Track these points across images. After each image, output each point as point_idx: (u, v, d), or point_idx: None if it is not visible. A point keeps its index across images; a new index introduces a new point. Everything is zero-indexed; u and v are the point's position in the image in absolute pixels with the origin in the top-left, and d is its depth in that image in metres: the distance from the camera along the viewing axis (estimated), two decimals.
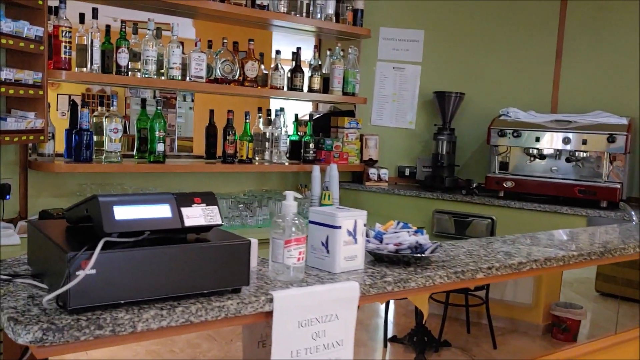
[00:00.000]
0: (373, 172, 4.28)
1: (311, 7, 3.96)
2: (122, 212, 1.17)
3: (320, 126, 4.31)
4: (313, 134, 4.11)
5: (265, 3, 3.69)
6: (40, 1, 2.76)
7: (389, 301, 3.76)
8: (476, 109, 4.35)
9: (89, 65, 3.14)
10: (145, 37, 3.30)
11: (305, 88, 4.00)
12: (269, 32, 4.34)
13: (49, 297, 1.10)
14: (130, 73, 3.26)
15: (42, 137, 2.90)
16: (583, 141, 3.60)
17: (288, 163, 3.95)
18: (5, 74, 2.54)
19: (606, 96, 4.02)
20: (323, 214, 1.54)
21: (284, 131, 3.91)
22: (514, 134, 3.78)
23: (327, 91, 4.13)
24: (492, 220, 3.79)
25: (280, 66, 3.86)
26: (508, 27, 4.32)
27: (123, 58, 3.21)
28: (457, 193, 4.01)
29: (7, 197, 2.98)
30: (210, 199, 1.29)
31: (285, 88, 3.91)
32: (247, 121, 3.75)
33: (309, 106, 4.77)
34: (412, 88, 4.47)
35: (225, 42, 3.62)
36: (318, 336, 1.36)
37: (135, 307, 1.16)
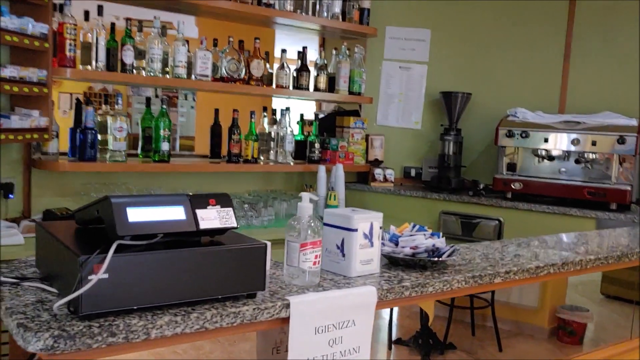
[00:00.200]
0: (379, 173, 4.24)
1: (317, 6, 3.92)
2: (136, 214, 1.12)
3: (324, 126, 4.26)
4: (318, 134, 4.07)
5: (271, 1, 3.64)
6: None
7: None
8: (483, 109, 4.31)
9: (94, 63, 3.10)
10: (150, 35, 3.25)
11: (311, 87, 3.96)
12: (272, 31, 4.29)
13: (60, 303, 1.06)
14: (135, 71, 3.22)
15: (47, 136, 2.86)
16: (592, 142, 3.56)
17: (293, 163, 3.91)
18: (9, 72, 2.50)
19: (615, 97, 3.97)
20: (338, 216, 1.50)
21: (290, 131, 3.86)
22: (522, 135, 3.74)
23: (333, 90, 4.09)
24: (500, 221, 3.75)
25: (286, 65, 3.82)
26: (516, 27, 4.27)
27: (128, 56, 3.16)
28: (464, 194, 3.97)
29: (11, 196, 2.94)
30: (225, 201, 1.25)
31: (290, 87, 3.87)
32: (253, 120, 3.70)
33: (312, 106, 4.73)
34: (419, 88, 4.43)
35: (231, 41, 3.58)
36: (335, 343, 1.32)
37: (148, 313, 1.12)
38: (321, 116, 4.49)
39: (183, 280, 1.16)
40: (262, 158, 3.86)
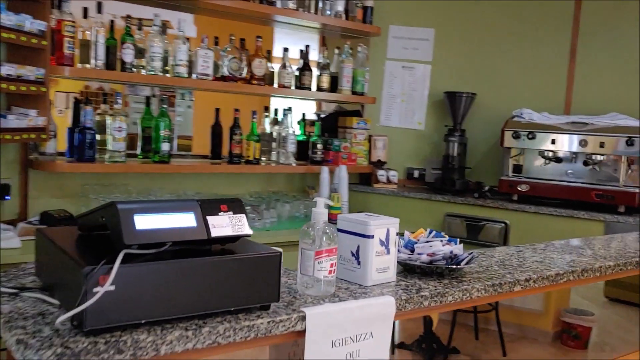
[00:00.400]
0: (382, 174, 4.17)
1: (320, 4, 3.85)
2: (144, 222, 1.05)
3: (325, 126, 4.18)
4: (320, 135, 4.00)
5: None
6: None
7: None
8: (487, 110, 4.24)
9: (93, 61, 3.03)
10: (151, 33, 3.18)
11: (313, 87, 3.89)
12: (270, 30, 4.19)
13: (64, 318, 0.98)
14: (134, 70, 3.14)
15: (44, 136, 2.78)
16: (600, 144, 3.50)
17: (295, 164, 3.83)
18: (6, 70, 2.42)
19: (621, 97, 3.91)
20: (353, 222, 1.43)
21: (292, 131, 3.79)
22: (529, 136, 3.68)
23: (335, 90, 4.01)
24: (506, 224, 3.69)
25: (288, 64, 3.75)
26: (521, 26, 4.21)
27: (128, 54, 3.09)
28: (469, 196, 3.90)
29: (7, 198, 2.86)
30: (237, 207, 1.17)
31: (292, 87, 3.80)
32: (254, 120, 3.63)
33: (312, 105, 4.64)
34: (422, 88, 4.36)
35: (232, 39, 3.50)
36: (352, 356, 1.25)
37: (157, 328, 1.05)
38: (322, 116, 4.42)
39: (194, 291, 1.08)
40: (264, 159, 3.79)
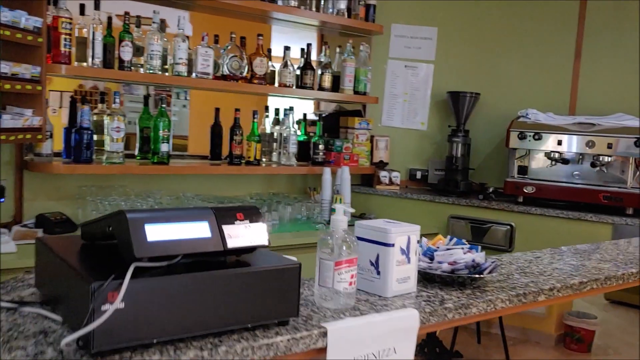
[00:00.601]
0: (384, 175, 4.09)
1: (322, 2, 3.76)
2: (155, 232, 0.97)
3: (325, 126, 4.10)
4: (322, 135, 3.92)
5: None
6: None
7: None
8: (491, 110, 4.18)
9: (90, 59, 2.94)
10: (149, 31, 3.09)
11: (314, 86, 3.81)
12: (268, 28, 4.09)
13: (69, 340, 0.90)
14: (133, 69, 3.06)
15: (40, 136, 2.69)
16: (608, 145, 3.43)
17: (296, 165, 3.75)
18: (1, 68, 2.33)
19: (627, 98, 3.86)
20: (372, 230, 1.35)
21: (293, 131, 3.71)
22: (535, 137, 3.61)
23: (337, 90, 3.93)
24: (511, 227, 3.62)
25: (289, 63, 3.66)
26: (525, 25, 4.14)
27: (127, 52, 3.00)
28: (473, 198, 3.83)
29: (2, 200, 2.76)
30: (254, 215, 1.09)
31: (294, 86, 3.72)
32: (255, 120, 3.55)
33: (310, 105, 4.54)
34: (424, 87, 4.29)
35: (233, 37, 3.42)
36: None
37: (170, 348, 0.96)
38: (322, 116, 4.34)
39: (209, 307, 1.00)
40: (264, 160, 3.71)
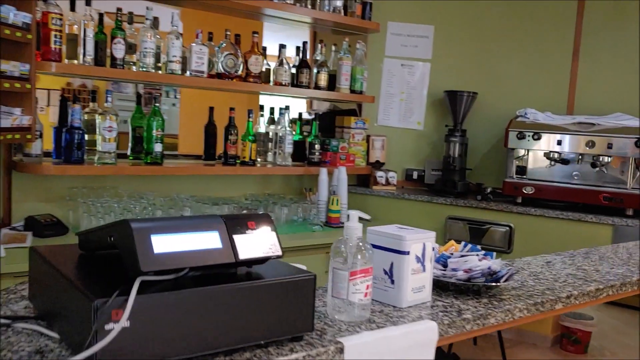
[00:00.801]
0: (381, 175, 4.03)
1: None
2: (162, 243, 0.90)
3: (320, 126, 4.02)
4: (318, 135, 3.84)
5: None
6: None
7: None
8: (488, 110, 4.13)
9: (82, 57, 2.85)
10: (142, 27, 3.00)
11: (310, 85, 3.74)
12: (260, 25, 4.00)
13: None
14: (125, 67, 2.97)
15: (30, 136, 2.60)
16: (608, 145, 3.39)
17: (291, 165, 3.68)
18: None
19: (625, 97, 3.82)
20: (386, 236, 1.28)
21: (289, 131, 3.64)
22: (534, 137, 3.56)
23: (333, 89, 3.86)
24: (510, 228, 3.57)
25: (285, 61, 3.59)
26: (523, 24, 4.09)
27: (119, 50, 2.91)
28: (471, 198, 3.78)
29: None
30: (266, 223, 1.02)
31: (289, 85, 3.64)
32: (250, 120, 3.47)
33: (303, 104, 4.46)
34: (421, 87, 4.23)
35: (227, 35, 3.34)
36: None
37: None
38: (317, 115, 4.27)
39: (220, 324, 0.93)
40: (259, 160, 3.63)
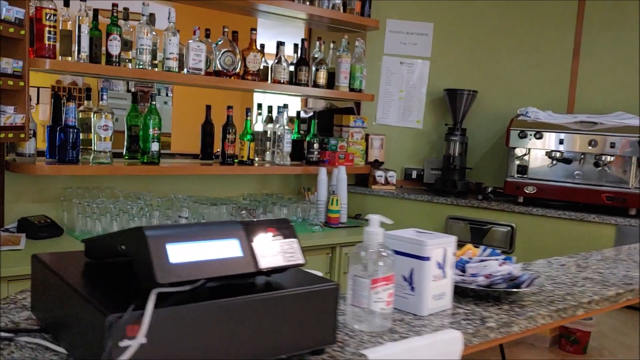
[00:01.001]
0: (380, 175, 3.98)
1: None
2: (179, 253, 0.83)
3: (318, 124, 3.96)
4: (316, 134, 3.78)
5: None
6: None
7: None
8: (488, 108, 4.08)
9: (76, 53, 2.77)
10: (138, 24, 2.93)
11: (309, 83, 3.68)
12: (253, 21, 3.91)
13: None
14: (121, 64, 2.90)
15: (23, 135, 2.52)
16: (611, 144, 3.36)
17: (290, 164, 3.61)
18: None
19: (625, 96, 3.79)
20: (405, 241, 1.23)
21: (288, 129, 3.57)
22: (536, 136, 3.52)
23: (332, 87, 3.80)
24: (512, 228, 3.53)
25: (284, 59, 3.53)
26: (523, 21, 4.05)
27: (115, 46, 2.83)
28: (472, 198, 3.73)
29: None
30: (287, 229, 0.96)
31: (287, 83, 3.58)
32: (248, 118, 3.41)
33: (297, 103, 4.40)
34: (420, 85, 4.18)
35: (225, 32, 3.27)
36: None
37: None
38: (310, 114, 4.20)
39: (240, 338, 0.87)
40: (257, 159, 3.57)
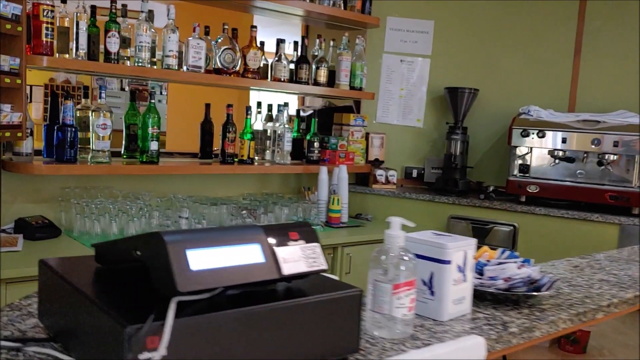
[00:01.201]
0: (380, 174, 3.94)
1: None
2: (200, 259, 0.79)
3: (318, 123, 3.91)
4: (317, 132, 3.74)
5: None
6: None
7: None
8: (489, 107, 4.05)
9: (74, 51, 2.71)
10: (137, 21, 2.88)
11: (309, 81, 3.63)
12: (249, 18, 3.86)
13: None
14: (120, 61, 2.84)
15: (20, 134, 2.47)
16: (614, 143, 3.33)
17: (290, 163, 3.57)
18: None
19: (627, 95, 3.77)
20: (425, 244, 1.19)
21: (288, 128, 3.53)
22: (539, 135, 3.49)
23: (332, 85, 3.76)
24: (514, 227, 3.50)
25: (284, 56, 3.48)
26: (524, 20, 4.02)
27: (113, 43, 2.78)
28: (474, 197, 3.70)
29: None
30: (308, 234, 0.92)
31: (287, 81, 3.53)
32: (248, 117, 3.36)
33: (295, 101, 4.35)
34: (421, 83, 4.14)
35: (225, 29, 3.22)
36: None
37: None
38: (309, 113, 4.16)
39: (262, 347, 0.83)
40: (257, 158, 3.53)
